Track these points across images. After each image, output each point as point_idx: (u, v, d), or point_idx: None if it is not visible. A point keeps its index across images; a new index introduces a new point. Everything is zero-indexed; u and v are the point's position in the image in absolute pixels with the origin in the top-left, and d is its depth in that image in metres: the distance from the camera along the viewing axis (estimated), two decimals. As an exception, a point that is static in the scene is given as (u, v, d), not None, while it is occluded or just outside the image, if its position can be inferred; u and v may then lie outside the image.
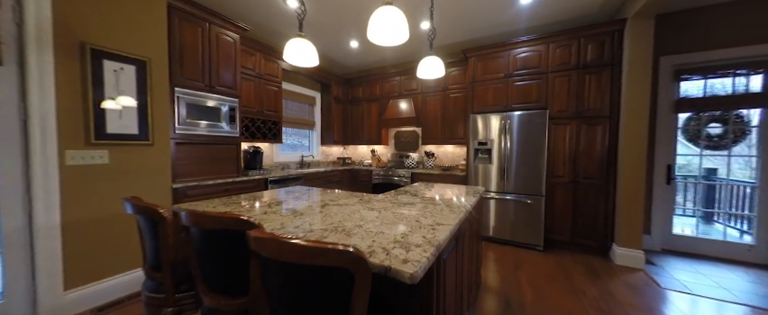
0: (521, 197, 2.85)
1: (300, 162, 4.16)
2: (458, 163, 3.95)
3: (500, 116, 2.96)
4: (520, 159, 2.85)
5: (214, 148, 2.59)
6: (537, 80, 2.89)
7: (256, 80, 3.16)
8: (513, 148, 2.89)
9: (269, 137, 3.36)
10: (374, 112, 4.46)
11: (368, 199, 1.54)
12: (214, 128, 2.55)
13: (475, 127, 3.12)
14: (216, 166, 2.61)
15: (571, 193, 2.75)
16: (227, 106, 2.65)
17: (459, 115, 3.67)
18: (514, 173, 2.89)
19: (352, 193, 1.79)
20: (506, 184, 2.94)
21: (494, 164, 3.00)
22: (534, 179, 2.79)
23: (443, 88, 3.80)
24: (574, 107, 2.72)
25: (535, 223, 2.79)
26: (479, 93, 3.23)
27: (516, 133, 2.87)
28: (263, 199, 1.54)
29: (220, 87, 2.60)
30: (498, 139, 2.97)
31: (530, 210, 2.81)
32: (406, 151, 4.43)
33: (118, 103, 1.87)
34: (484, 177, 3.07)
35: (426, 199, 1.56)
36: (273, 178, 3.03)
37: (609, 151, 2.59)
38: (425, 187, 2.05)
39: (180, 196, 2.22)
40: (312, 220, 1.07)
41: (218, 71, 2.57)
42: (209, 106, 2.50)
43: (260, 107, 3.22)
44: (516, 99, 3.00)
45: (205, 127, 2.48)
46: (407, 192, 1.82)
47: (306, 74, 4.05)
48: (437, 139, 3.87)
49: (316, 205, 1.37)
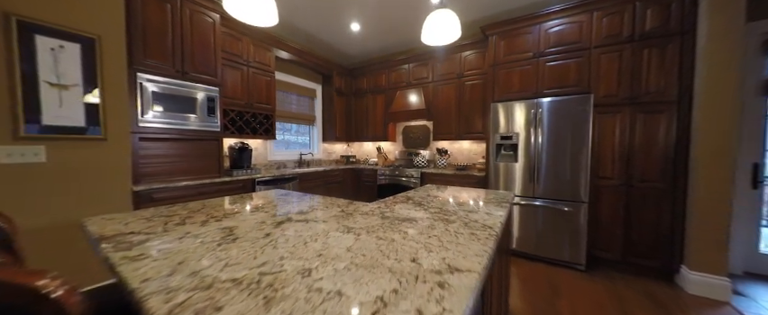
0: (556, 203, 2.31)
1: (298, 160, 3.79)
2: (475, 161, 3.43)
3: (528, 104, 2.42)
4: (554, 156, 2.31)
5: (190, 144, 2.25)
6: (577, 58, 2.33)
7: (244, 68, 2.80)
8: (545, 142, 2.35)
9: (260, 132, 3.00)
10: (380, 105, 4.01)
11: (351, 211, 1.11)
12: (188, 121, 2.20)
13: (496, 118, 2.60)
14: (192, 165, 2.27)
15: (622, 200, 2.18)
16: (205, 96, 2.30)
17: (477, 106, 3.16)
18: (546, 173, 2.35)
19: (336, 200, 1.36)
20: (535, 187, 2.40)
21: (520, 162, 2.48)
22: (572, 181, 2.24)
23: (457, 75, 3.29)
24: (627, 91, 2.15)
25: (575, 236, 2.24)
26: (501, 77, 2.71)
27: (548, 124, 2.33)
28: (204, 209, 1.14)
29: (196, 74, 2.25)
30: (526, 132, 2.44)
31: (568, 219, 2.27)
32: (416, 148, 3.95)
33: (57, 90, 1.54)
34: (507, 178, 2.55)
35: (435, 211, 1.10)
36: (262, 179, 2.66)
37: (677, 147, 2.00)
38: (436, 192, 1.59)
39: (144, 200, 1.88)
40: (237, 255, 0.65)
41: (193, 55, 2.22)
42: (182, 96, 2.16)
43: (249, 99, 2.86)
44: (549, 83, 2.46)
45: (177, 119, 2.13)
46: (410, 199, 1.36)
47: (304, 63, 3.67)
48: (451, 133, 3.37)
49: (271, 222, 0.95)
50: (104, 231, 0.83)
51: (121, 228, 0.86)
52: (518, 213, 2.49)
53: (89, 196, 1.66)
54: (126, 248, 0.68)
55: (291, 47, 3.36)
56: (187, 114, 2.19)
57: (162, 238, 0.77)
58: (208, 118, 2.33)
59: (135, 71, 1.90)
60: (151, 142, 2.02)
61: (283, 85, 3.62)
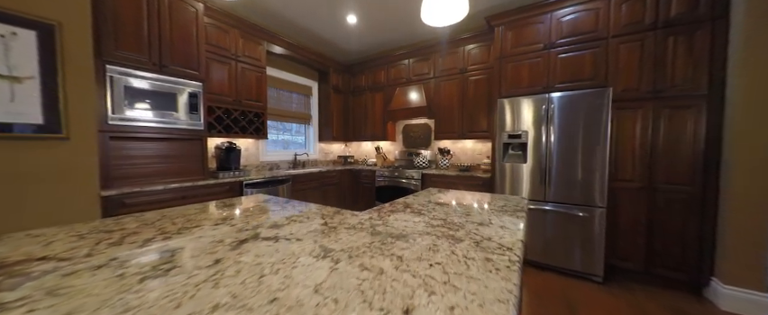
0: (569, 208, 2.11)
1: (293, 161, 3.61)
2: (480, 162, 3.23)
3: (538, 100, 2.22)
4: (567, 157, 2.11)
5: (169, 144, 2.07)
6: (593, 49, 2.13)
7: (231, 63, 2.62)
8: (557, 141, 2.15)
9: (250, 132, 2.81)
10: (379, 103, 3.82)
11: (336, 223, 0.91)
12: (167, 118, 2.02)
13: (503, 115, 2.40)
14: (173, 166, 2.08)
15: (644, 205, 1.97)
16: (186, 92, 2.12)
17: (481, 102, 2.96)
18: (558, 175, 2.15)
19: (322, 209, 1.17)
20: (546, 190, 2.20)
21: (529, 163, 2.27)
22: (588, 184, 2.04)
23: (461, 70, 3.09)
24: (650, 84, 1.94)
25: (591, 244, 2.04)
26: (509, 71, 2.50)
27: (560, 121, 2.13)
28: (160, 221, 0.95)
29: (176, 68, 2.06)
30: (536, 130, 2.24)
31: (583, 225, 2.06)
32: (417, 148, 3.76)
33: (8, 82, 1.36)
34: (514, 180, 2.35)
35: (438, 223, 0.90)
36: (251, 181, 2.47)
37: (707, 146, 1.80)
38: (438, 196, 1.39)
39: (115, 206, 1.70)
40: (154, 302, 0.46)
41: (173, 47, 2.04)
42: (160, 91, 1.98)
43: (238, 96, 2.68)
44: (562, 76, 2.25)
45: (154, 117, 1.95)
46: (408, 207, 1.17)
47: (299, 59, 3.49)
48: (454, 132, 3.17)
49: (231, 240, 0.76)
50: (11, 255, 0.64)
51: (37, 250, 0.68)
52: (527, 218, 2.29)
53: (47, 204, 1.47)
54: (9, 288, 0.49)
55: (284, 41, 3.17)
56: (166, 111, 2.00)
57: (77, 266, 0.58)
58: (190, 115, 2.14)
59: (104, 63, 1.72)
60: (125, 142, 1.84)
61: (276, 81, 3.44)
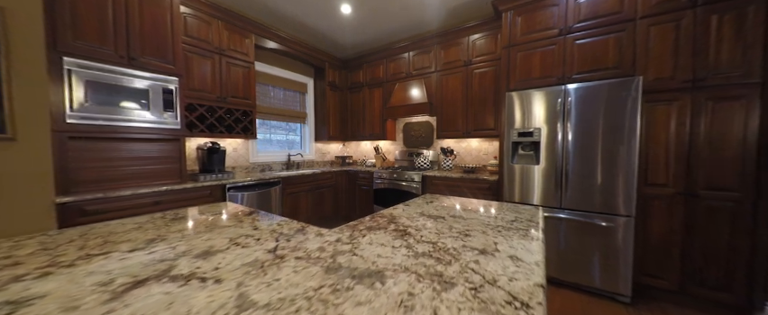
0: (589, 216, 1.83)
1: (286, 162, 3.41)
2: (486, 163, 2.97)
3: (553, 92, 1.95)
4: (587, 157, 1.83)
5: (142, 144, 1.89)
6: (617, 33, 1.84)
7: (215, 57, 2.43)
8: (575, 138, 1.87)
9: (236, 131, 2.62)
10: (377, 100, 3.59)
11: (288, 249, 0.69)
12: (138, 117, 1.84)
13: (512, 110, 2.13)
14: (146, 169, 1.90)
15: (680, 213, 1.68)
16: (160, 87, 1.93)
17: (488, 97, 2.69)
18: (576, 178, 1.87)
19: (287, 224, 0.96)
20: (562, 196, 1.93)
21: (542, 164, 2.00)
22: (611, 189, 1.76)
23: (464, 62, 2.83)
24: (687, 72, 1.65)
25: (615, 258, 1.76)
26: (518, 61, 2.23)
27: (578, 116, 1.85)
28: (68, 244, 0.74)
29: (147, 60, 1.88)
30: (550, 127, 1.96)
31: (607, 237, 1.78)
32: (418, 147, 3.51)
33: (-63, 74, 1.19)
34: (525, 184, 2.08)
35: (424, 249, 0.67)
36: (235, 184, 2.28)
37: (762, 144, 1.49)
38: (433, 207, 1.15)
39: (74, 214, 1.53)
40: None
41: (143, 38, 1.86)
42: (129, 86, 1.79)
43: (222, 92, 2.49)
44: (580, 65, 1.97)
45: (121, 115, 1.77)
46: (393, 223, 0.94)
47: (293, 54, 3.28)
48: (457, 130, 2.92)
49: (122, 282, 0.54)
50: None
51: None
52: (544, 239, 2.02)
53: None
54: None
55: (275, 34, 2.97)
56: (135, 109, 1.82)
57: None
58: (165, 113, 1.96)
59: (61, 54, 1.54)
60: (87, 142, 1.67)
61: (267, 78, 3.24)
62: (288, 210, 2.79)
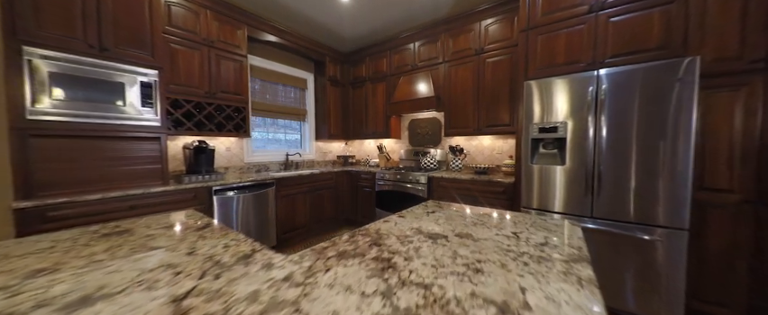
0: (628, 229, 1.52)
1: (285, 162, 3.23)
2: (500, 163, 2.67)
3: (581, 79, 1.64)
4: (625, 156, 1.52)
5: (116, 143, 1.73)
6: (663, 5, 1.52)
7: (203, 49, 2.26)
8: (610, 134, 1.56)
9: (228, 129, 2.45)
10: (381, 95, 3.35)
11: (197, 303, 0.46)
12: (112, 113, 1.68)
13: (531, 102, 1.83)
14: (121, 170, 1.74)
15: (749, 225, 1.35)
16: (137, 81, 1.77)
17: (502, 89, 2.40)
18: (612, 181, 1.56)
19: (238, 245, 0.73)
20: (593, 202, 1.62)
21: (568, 164, 1.70)
22: (658, 194, 1.44)
23: (476, 51, 2.54)
24: (760, 49, 1.31)
25: (662, 281, 1.44)
26: (539, 45, 1.93)
27: (614, 106, 1.54)
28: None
29: (122, 51, 1.72)
30: (578, 121, 1.66)
31: (650, 254, 1.47)
32: (425, 146, 3.24)
33: None
34: (546, 187, 1.78)
35: (407, 304, 0.42)
36: (222, 186, 2.10)
37: None
38: (435, 216, 0.90)
39: (34, 221, 1.37)
40: None
41: (117, 27, 1.69)
42: (101, 79, 1.63)
43: (211, 87, 2.32)
44: (616, 46, 1.66)
45: (93, 111, 1.61)
46: (377, 244, 0.70)
47: (291, 48, 3.10)
48: (468, 127, 2.63)
49: None
50: None
51: None
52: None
53: (-71, 219, 1.16)
54: None
55: (269, 26, 2.79)
56: (108, 104, 1.66)
57: None
58: (143, 109, 1.79)
59: (20, 43, 1.39)
60: (52, 141, 1.51)
61: (264, 73, 3.07)
62: (282, 213, 2.60)
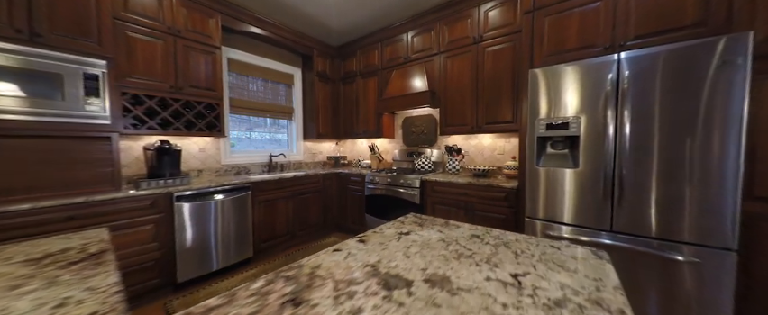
0: (657, 247, 1.24)
1: (268, 164, 2.99)
2: (502, 164, 2.40)
3: (598, 65, 1.36)
4: (653, 157, 1.24)
5: (54, 143, 1.50)
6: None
7: (167, 38, 2.03)
8: (634, 130, 1.28)
9: (199, 128, 2.22)
10: (372, 92, 3.09)
11: None
12: (47, 109, 1.45)
13: (537, 95, 1.56)
14: (60, 175, 1.51)
15: (818, 248, 1.06)
16: (80, 72, 1.54)
17: (503, 81, 2.13)
18: (636, 188, 1.28)
19: (93, 294, 0.47)
20: (613, 213, 1.34)
21: (582, 167, 1.42)
22: (697, 205, 1.16)
23: (474, 39, 2.27)
24: (832, 19, 1.02)
25: (704, 310, 1.16)
26: (547, 28, 1.66)
27: (639, 98, 1.26)
28: None
29: (59, 38, 1.48)
30: (593, 115, 1.38)
31: (685, 278, 1.19)
32: (420, 146, 2.98)
33: None
34: (554, 194, 1.50)
35: None
36: (186, 192, 1.87)
37: None
38: (406, 242, 0.65)
39: (-61, 237, 1.15)
40: None
41: (52, 10, 1.46)
42: (33, 70, 1.41)
43: (177, 82, 2.08)
44: (640, 25, 1.38)
45: (23, 106, 1.39)
46: (291, 305, 0.44)
47: (274, 40, 2.86)
48: (465, 124, 2.37)
49: None
50: None
51: None
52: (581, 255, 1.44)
53: None
54: None
55: (249, 15, 2.55)
56: (43, 99, 1.43)
57: None
58: (87, 105, 1.56)
59: None
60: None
61: (245, 67, 2.83)
62: (260, 220, 2.36)
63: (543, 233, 1.55)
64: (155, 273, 1.77)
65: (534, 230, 1.58)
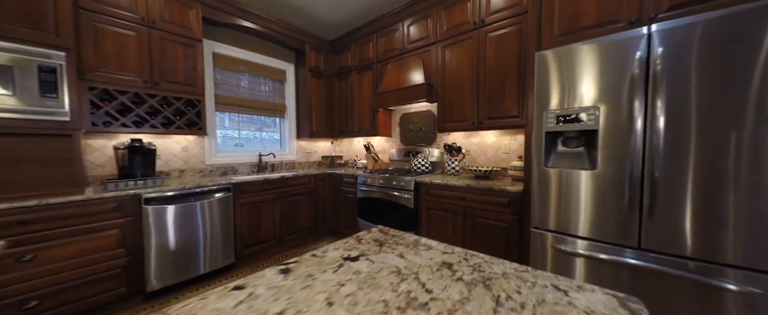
0: (703, 272, 0.97)
1: (257, 164, 2.85)
2: (507, 165, 2.14)
3: (622, 43, 1.09)
4: (697, 156, 0.96)
5: (5, 141, 1.39)
6: None
7: (141, 30, 1.90)
8: (670, 123, 1.01)
9: (178, 126, 2.09)
10: (366, 87, 2.89)
11: None
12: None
13: (545, 81, 1.30)
14: (12, 174, 1.40)
15: None
16: (34, 65, 1.42)
17: (508, 70, 1.87)
18: (672, 196, 1.01)
19: None
20: (645, 228, 1.07)
21: (602, 169, 1.16)
22: (757, 219, 0.88)
23: (475, 24, 2.03)
24: None
25: (765, 359, 0.88)
26: (558, 3, 1.40)
27: (676, 81, 0.99)
28: None
29: (8, 27, 1.37)
30: (617, 104, 1.11)
31: (741, 313, 0.91)
32: (418, 144, 2.75)
33: None
34: (568, 201, 1.24)
35: None
36: (156, 195, 1.73)
37: None
38: (339, 280, 0.44)
39: None
40: None
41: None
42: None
43: (152, 76, 1.96)
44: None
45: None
46: None
47: (265, 34, 2.71)
48: (465, 120, 2.12)
49: None
50: None
51: None
52: (586, 272, 1.18)
53: None
54: None
55: (233, 6, 2.41)
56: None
57: None
58: (44, 100, 1.44)
59: None
60: None
61: (232, 62, 2.70)
62: (244, 224, 2.21)
63: (552, 248, 1.29)
64: (122, 281, 1.64)
65: (542, 244, 1.33)
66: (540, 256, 1.34)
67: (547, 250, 1.32)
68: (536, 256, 1.35)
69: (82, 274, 1.50)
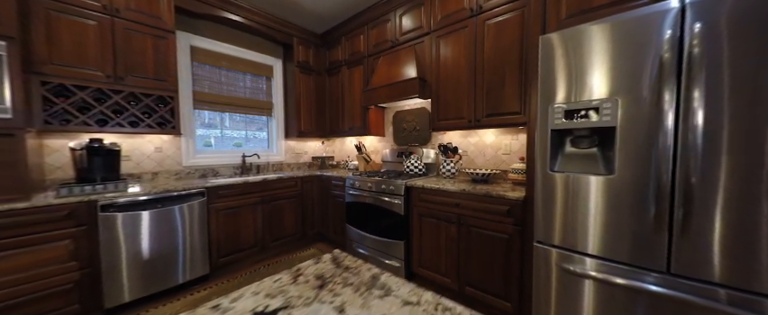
0: (754, 305, 0.76)
1: (241, 166, 2.68)
2: (508, 167, 1.94)
3: (645, 20, 0.89)
4: (746, 159, 0.76)
5: (-69, 142, 1.22)
6: None
7: (102, 19, 1.73)
8: (709, 118, 0.80)
9: (147, 124, 1.92)
10: (357, 83, 2.70)
11: None
12: None
13: (551, 69, 1.10)
14: (-58, 181, 1.24)
15: None
16: (-33, 54, 1.25)
17: (508, 62, 1.67)
18: (711, 209, 0.80)
19: None
20: (676, 248, 0.86)
21: (620, 173, 0.95)
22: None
23: (472, 11, 1.82)
24: None
25: None
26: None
27: (718, 67, 0.78)
28: None
29: (-64, 11, 1.20)
30: (638, 95, 0.91)
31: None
32: (412, 144, 2.56)
33: None
34: (576, 212, 1.04)
35: None
36: (114, 201, 1.56)
37: None
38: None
39: None
40: None
41: (-74, -25, 1.18)
42: None
43: (115, 70, 1.79)
44: (716, -46, 0.89)
45: None
46: None
47: (249, 27, 2.54)
48: (462, 117, 1.92)
49: None
50: None
51: None
52: (596, 300, 0.97)
53: None
54: None
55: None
56: None
57: None
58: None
59: None
60: None
61: (213, 57, 2.53)
62: (219, 231, 2.03)
63: (558, 267, 1.09)
64: (75, 297, 1.47)
65: (546, 262, 1.13)
66: (544, 276, 1.14)
67: (552, 269, 1.12)
68: (540, 275, 1.15)
69: (27, 290, 1.33)
